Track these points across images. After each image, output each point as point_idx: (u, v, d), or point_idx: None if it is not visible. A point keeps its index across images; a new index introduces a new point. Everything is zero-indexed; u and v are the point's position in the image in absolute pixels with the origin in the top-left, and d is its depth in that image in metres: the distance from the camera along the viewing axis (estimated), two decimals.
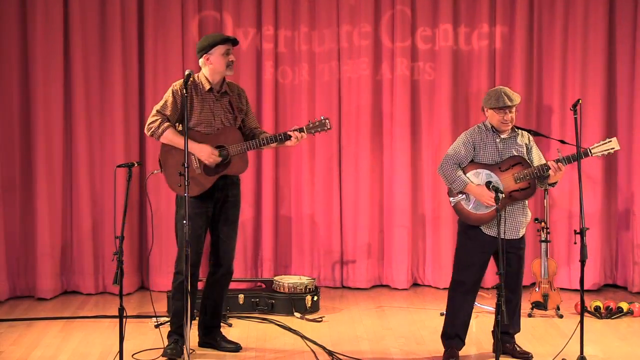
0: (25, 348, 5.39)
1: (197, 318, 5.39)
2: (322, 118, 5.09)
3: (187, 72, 4.89)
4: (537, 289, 6.24)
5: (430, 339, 5.54)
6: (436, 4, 6.95)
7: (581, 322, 4.83)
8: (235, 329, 5.83)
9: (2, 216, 6.60)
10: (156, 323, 5.80)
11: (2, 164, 6.64)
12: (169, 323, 5.31)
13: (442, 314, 5.66)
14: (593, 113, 6.84)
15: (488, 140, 5.02)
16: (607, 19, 6.85)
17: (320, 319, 6.07)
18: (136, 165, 4.87)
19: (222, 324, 5.57)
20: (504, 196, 4.81)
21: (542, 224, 6.21)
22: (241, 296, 6.21)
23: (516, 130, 5.09)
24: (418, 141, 7.05)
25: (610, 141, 4.91)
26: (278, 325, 5.93)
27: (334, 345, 5.39)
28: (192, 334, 5.20)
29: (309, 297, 6.23)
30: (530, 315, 6.15)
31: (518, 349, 5.14)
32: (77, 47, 6.69)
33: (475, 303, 6.22)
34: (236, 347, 5.29)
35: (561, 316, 6.13)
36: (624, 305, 6.18)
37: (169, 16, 6.80)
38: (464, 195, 5.00)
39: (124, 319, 4.55)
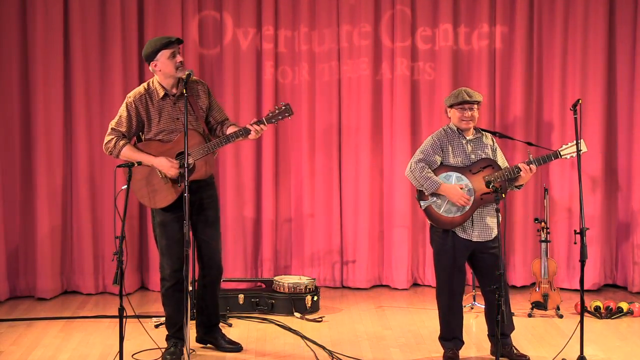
0: (25, 348, 5.39)
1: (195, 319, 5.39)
2: (282, 105, 4.97)
3: (186, 72, 4.89)
4: (537, 289, 6.24)
5: (430, 339, 5.54)
6: (436, 4, 6.94)
7: (581, 322, 4.83)
8: (235, 329, 5.83)
9: (2, 216, 6.60)
10: (157, 323, 5.81)
11: (2, 164, 6.64)
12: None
13: None
14: (593, 113, 6.84)
15: (455, 142, 5.02)
16: (607, 19, 6.84)
17: (320, 319, 6.07)
18: (136, 165, 4.86)
19: (222, 323, 5.57)
20: (504, 197, 4.79)
21: (542, 224, 6.20)
22: (241, 296, 6.21)
23: (480, 131, 5.09)
24: (418, 141, 7.02)
25: (578, 143, 4.95)
26: (278, 325, 5.93)
27: (334, 345, 5.39)
28: (192, 334, 5.21)
29: (309, 297, 6.23)
30: (530, 315, 6.15)
31: (515, 351, 5.12)
32: (77, 47, 6.69)
33: (476, 303, 6.27)
34: (237, 348, 5.28)
35: (561, 316, 6.13)
36: (624, 305, 6.18)
37: (169, 16, 6.80)
38: (435, 199, 4.98)
39: (124, 319, 4.55)
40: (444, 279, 5.05)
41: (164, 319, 5.50)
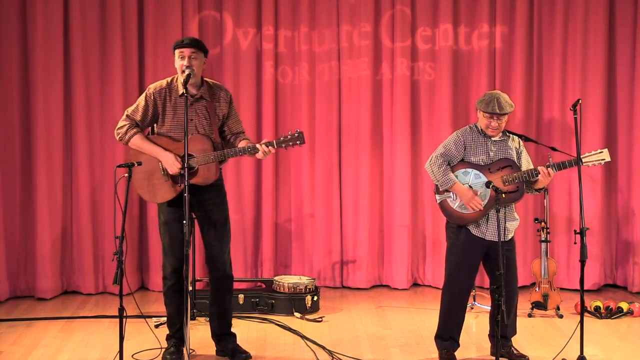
0: (25, 348, 5.39)
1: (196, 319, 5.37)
2: (296, 131, 4.93)
3: (187, 72, 4.87)
4: (537, 289, 6.24)
5: (430, 339, 5.53)
6: (436, 4, 6.95)
7: (581, 322, 4.83)
8: (236, 329, 5.79)
9: (2, 216, 6.60)
10: (157, 323, 5.81)
11: (2, 164, 6.64)
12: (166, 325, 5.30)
13: None
14: (593, 113, 6.85)
15: (479, 141, 5.01)
16: (607, 20, 6.85)
17: (320, 319, 6.07)
18: (136, 165, 4.85)
19: None
20: (504, 197, 4.79)
21: (542, 224, 6.20)
22: (241, 296, 6.21)
23: (507, 134, 5.08)
24: (418, 141, 7.05)
25: (602, 152, 4.91)
26: (278, 325, 5.93)
27: (334, 345, 5.39)
28: (192, 334, 5.21)
29: (309, 297, 6.23)
30: (530, 315, 6.15)
31: (515, 351, 5.12)
32: (77, 47, 6.69)
33: (476, 303, 6.26)
34: (246, 356, 5.22)
35: (561, 316, 6.13)
36: (624, 305, 6.18)
37: (169, 16, 6.80)
38: (450, 193, 5.00)
39: (124, 319, 4.55)
40: (450, 274, 5.05)
41: (164, 318, 5.51)
